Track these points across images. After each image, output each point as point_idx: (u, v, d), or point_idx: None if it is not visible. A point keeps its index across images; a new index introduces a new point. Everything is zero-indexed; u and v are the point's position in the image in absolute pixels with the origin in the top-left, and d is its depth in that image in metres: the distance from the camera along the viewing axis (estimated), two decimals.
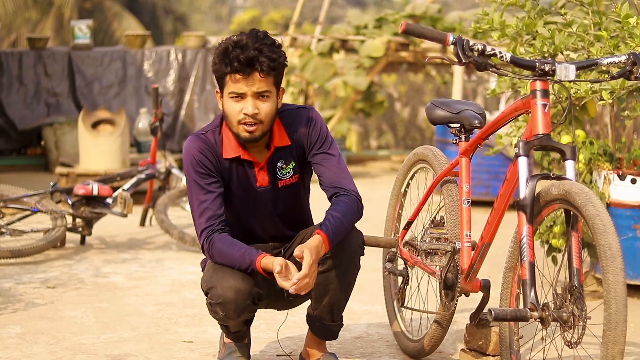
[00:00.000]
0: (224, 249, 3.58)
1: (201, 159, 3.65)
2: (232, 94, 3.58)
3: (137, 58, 12.36)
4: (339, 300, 3.76)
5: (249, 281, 3.58)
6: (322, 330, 3.84)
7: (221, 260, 3.60)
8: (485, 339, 3.86)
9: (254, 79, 3.54)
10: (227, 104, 3.62)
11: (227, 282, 3.55)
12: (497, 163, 8.61)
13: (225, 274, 3.57)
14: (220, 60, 3.56)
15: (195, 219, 3.65)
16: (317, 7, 28.07)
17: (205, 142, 3.69)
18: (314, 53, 11.62)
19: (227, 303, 3.56)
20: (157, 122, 7.39)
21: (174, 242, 6.98)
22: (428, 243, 3.81)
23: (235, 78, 3.55)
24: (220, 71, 3.58)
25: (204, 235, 3.62)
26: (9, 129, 11.89)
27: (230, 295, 3.55)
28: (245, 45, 3.52)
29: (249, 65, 3.52)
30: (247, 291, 3.57)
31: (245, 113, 3.57)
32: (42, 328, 4.60)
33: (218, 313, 3.63)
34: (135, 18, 25.54)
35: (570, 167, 3.27)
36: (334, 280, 3.68)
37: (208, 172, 3.66)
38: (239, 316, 3.63)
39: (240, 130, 3.61)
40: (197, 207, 3.64)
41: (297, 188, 3.84)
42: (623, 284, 2.92)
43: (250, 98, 3.57)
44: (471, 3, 26.90)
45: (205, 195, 3.64)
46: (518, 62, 3.36)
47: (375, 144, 14.51)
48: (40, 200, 6.66)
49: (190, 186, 3.68)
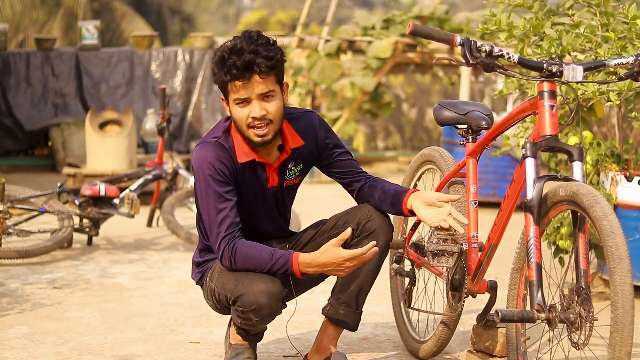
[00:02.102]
0: (251, 252, 3.55)
1: (220, 167, 3.62)
2: (236, 100, 3.57)
3: (144, 59, 12.37)
4: (367, 284, 3.80)
5: (277, 282, 3.56)
6: (345, 318, 3.83)
7: (246, 265, 3.56)
8: (492, 340, 3.86)
9: (255, 81, 3.54)
10: (234, 110, 3.61)
11: (258, 287, 3.52)
12: (504, 164, 8.59)
13: (252, 280, 3.54)
14: (219, 70, 3.55)
15: (214, 227, 3.60)
16: (324, 8, 28.08)
17: (221, 149, 3.65)
18: (321, 54, 11.62)
19: (262, 308, 3.53)
20: (164, 123, 7.40)
21: (180, 243, 6.99)
22: (435, 244, 3.80)
23: (236, 85, 3.54)
24: (220, 80, 3.57)
25: (225, 242, 3.57)
26: (16, 129, 11.91)
27: (263, 300, 3.52)
28: (240, 49, 3.51)
29: (247, 69, 3.51)
30: (278, 292, 3.55)
31: (253, 117, 3.57)
32: (49, 328, 4.61)
33: (252, 320, 3.58)
34: (142, 19, 25.58)
35: (577, 168, 3.26)
36: (367, 261, 3.67)
37: (226, 179, 3.62)
38: (271, 319, 3.62)
39: (252, 135, 3.61)
40: (215, 216, 3.59)
41: (295, 189, 3.91)
42: (630, 286, 2.92)
43: (255, 101, 3.57)
44: (479, 4, 26.88)
45: (224, 204, 3.60)
46: (525, 63, 3.36)
47: (382, 145, 14.50)
48: (47, 200, 6.67)
49: (208, 194, 3.61)
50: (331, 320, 3.86)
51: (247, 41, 3.53)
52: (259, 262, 3.55)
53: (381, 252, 3.75)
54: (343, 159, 3.87)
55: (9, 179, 8.04)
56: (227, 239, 3.58)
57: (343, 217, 3.83)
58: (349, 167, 3.88)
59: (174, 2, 32.03)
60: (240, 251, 3.56)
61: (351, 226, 3.75)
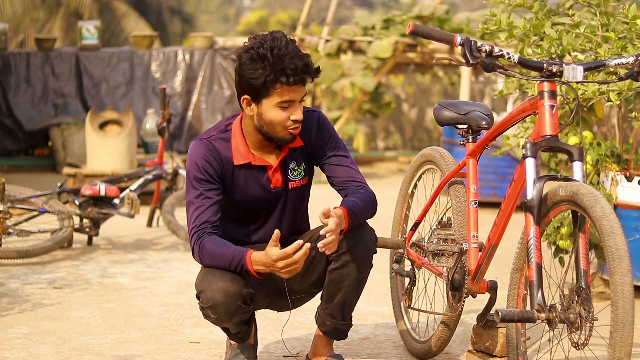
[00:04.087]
0: (215, 249, 3.56)
1: (204, 165, 3.64)
2: (282, 102, 3.56)
3: (144, 59, 12.37)
4: (351, 298, 3.76)
5: (238, 282, 3.55)
6: (332, 329, 3.84)
7: (211, 262, 3.58)
8: (492, 340, 3.86)
9: (303, 86, 3.58)
10: (272, 112, 3.58)
11: (216, 285, 3.53)
12: (504, 164, 8.60)
13: (214, 277, 3.55)
14: (272, 70, 3.51)
15: (189, 223, 3.64)
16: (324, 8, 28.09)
17: (209, 148, 3.67)
18: (321, 54, 11.62)
19: (217, 306, 3.54)
20: (165, 123, 7.40)
21: (180, 243, 6.99)
22: (435, 244, 3.80)
23: (290, 88, 3.54)
24: (270, 82, 3.52)
25: (194, 237, 3.60)
26: (16, 129, 11.91)
27: (219, 297, 3.53)
28: (288, 52, 3.51)
29: (305, 73, 3.54)
30: (236, 292, 3.54)
31: (294, 119, 3.59)
32: (49, 328, 4.61)
33: (210, 316, 3.60)
34: (142, 19, 25.58)
35: (577, 168, 3.26)
36: (347, 277, 3.68)
37: (208, 178, 3.64)
38: (230, 318, 3.60)
39: (286, 134, 3.63)
40: (192, 212, 3.63)
41: (304, 191, 3.86)
42: (630, 286, 2.92)
43: (297, 104, 3.60)
44: (479, 4, 26.88)
45: (202, 201, 3.63)
46: (526, 63, 3.36)
47: (382, 145, 14.50)
48: (47, 200, 6.67)
49: (188, 190, 3.66)
50: (320, 329, 3.88)
51: (290, 44, 3.54)
52: (221, 258, 3.55)
53: (359, 267, 3.70)
54: (334, 164, 3.80)
55: (9, 179, 8.04)
56: (197, 234, 3.60)
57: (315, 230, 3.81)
58: (339, 174, 3.79)
59: (174, 2, 32.04)
60: (206, 247, 3.58)
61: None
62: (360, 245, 3.69)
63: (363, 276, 3.74)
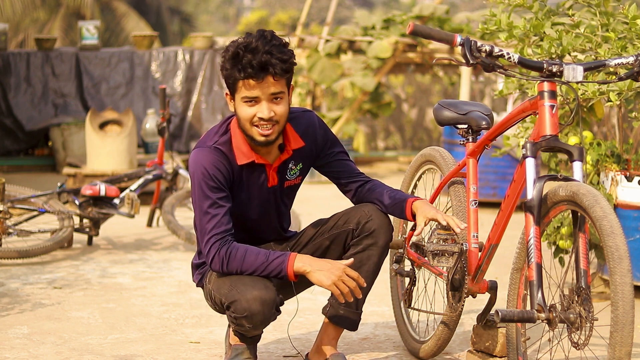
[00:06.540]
0: (249, 255, 3.53)
1: (214, 172, 3.60)
2: (245, 98, 3.55)
3: (144, 59, 12.37)
4: (367, 285, 3.77)
5: (271, 289, 3.53)
6: (345, 318, 3.83)
7: (240, 268, 3.54)
8: (492, 340, 3.86)
9: (268, 82, 3.52)
10: (240, 108, 3.59)
11: (251, 294, 3.49)
12: (504, 164, 8.60)
13: (246, 285, 3.52)
14: (232, 66, 3.52)
15: (205, 232, 3.58)
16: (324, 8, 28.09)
17: (218, 154, 3.63)
18: (321, 54, 11.62)
19: (254, 315, 3.51)
20: (165, 123, 7.40)
21: (181, 243, 6.99)
22: (435, 244, 3.81)
23: (249, 83, 3.52)
24: (232, 77, 3.54)
25: (216, 247, 3.55)
26: (16, 129, 11.90)
27: (256, 307, 3.49)
28: (256, 48, 3.48)
29: (262, 70, 3.49)
30: (272, 300, 3.52)
31: (260, 117, 3.56)
32: (49, 328, 4.61)
33: (244, 326, 3.56)
34: (142, 19, 25.58)
35: (577, 168, 3.26)
36: (367, 261, 3.72)
37: (219, 186, 3.60)
38: (265, 326, 3.60)
39: (255, 133, 3.59)
40: (208, 221, 3.58)
41: (295, 189, 3.90)
42: (630, 286, 2.92)
43: (264, 102, 3.55)
44: (479, 4, 26.88)
45: (217, 210, 3.58)
46: (526, 63, 3.36)
47: (382, 145, 14.50)
48: (47, 200, 6.67)
49: (200, 199, 3.60)
50: (331, 320, 3.86)
51: (262, 40, 3.50)
52: (253, 263, 3.53)
53: (381, 251, 3.76)
54: (341, 159, 3.87)
55: (9, 179, 8.04)
56: (218, 244, 3.56)
57: (343, 217, 3.83)
58: (347, 168, 3.88)
59: (174, 2, 32.04)
60: (234, 254, 3.54)
61: (351, 226, 3.76)
62: (384, 231, 3.75)
63: (380, 263, 3.79)
